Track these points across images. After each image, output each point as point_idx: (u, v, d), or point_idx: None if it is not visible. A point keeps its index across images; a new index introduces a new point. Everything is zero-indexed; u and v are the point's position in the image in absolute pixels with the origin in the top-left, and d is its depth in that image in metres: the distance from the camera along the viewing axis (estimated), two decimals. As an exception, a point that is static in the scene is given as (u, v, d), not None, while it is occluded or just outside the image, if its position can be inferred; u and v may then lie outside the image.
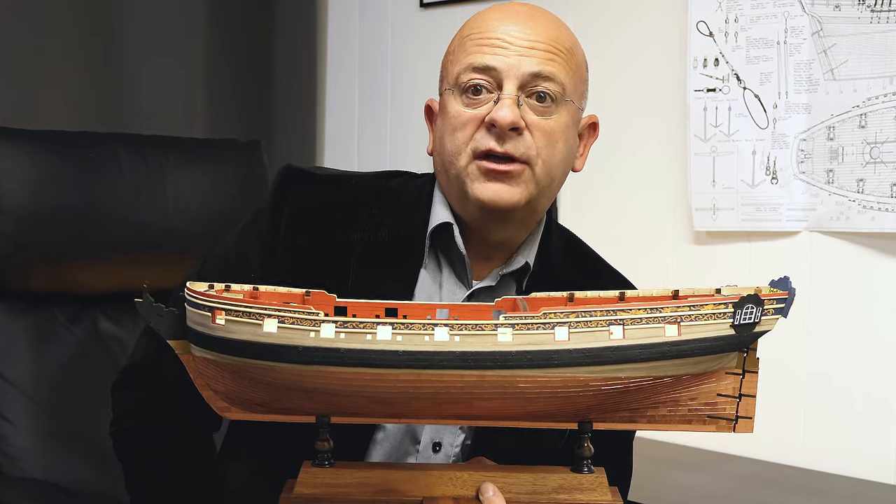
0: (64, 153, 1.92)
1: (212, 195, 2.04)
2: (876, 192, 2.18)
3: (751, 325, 1.09)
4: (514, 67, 1.32)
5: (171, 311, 1.09)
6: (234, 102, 3.04)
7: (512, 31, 1.34)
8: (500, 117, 1.31)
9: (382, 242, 1.42)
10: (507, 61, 1.32)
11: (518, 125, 1.32)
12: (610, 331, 1.07)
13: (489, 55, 1.33)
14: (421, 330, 1.04)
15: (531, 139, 1.33)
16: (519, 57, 1.33)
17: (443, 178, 1.42)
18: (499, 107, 1.32)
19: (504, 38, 1.34)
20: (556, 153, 1.36)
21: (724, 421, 1.14)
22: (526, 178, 1.34)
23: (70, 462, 1.87)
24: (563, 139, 1.37)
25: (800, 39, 2.27)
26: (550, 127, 1.35)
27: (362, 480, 1.15)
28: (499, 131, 1.32)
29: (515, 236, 1.44)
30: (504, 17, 1.36)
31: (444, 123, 1.38)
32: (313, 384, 1.07)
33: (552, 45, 1.34)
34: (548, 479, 1.17)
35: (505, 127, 1.31)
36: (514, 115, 1.31)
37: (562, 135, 1.36)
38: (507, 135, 1.32)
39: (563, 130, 1.36)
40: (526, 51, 1.33)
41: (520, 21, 1.35)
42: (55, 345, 1.92)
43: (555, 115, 1.35)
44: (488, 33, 1.35)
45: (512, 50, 1.33)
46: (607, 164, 2.49)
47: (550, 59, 1.34)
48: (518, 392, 1.07)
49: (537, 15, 1.37)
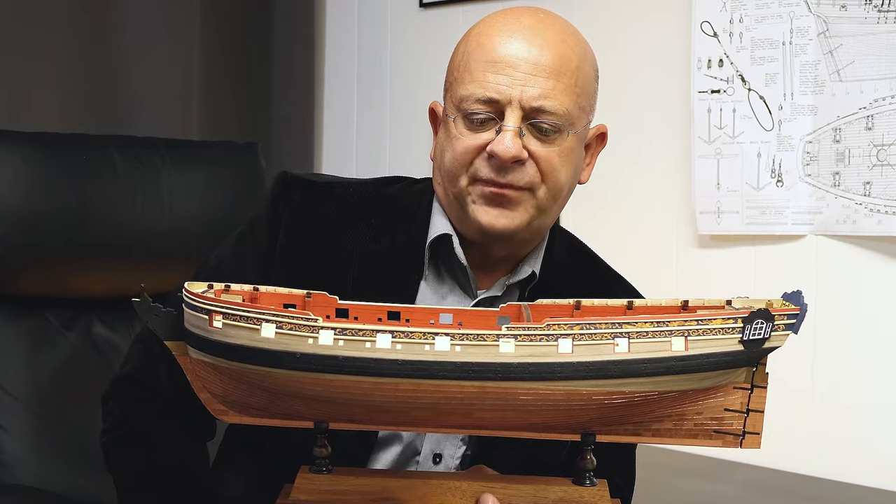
0: (58, 155, 1.91)
1: (208, 198, 2.03)
2: (883, 195, 2.17)
3: (760, 340, 1.08)
4: (516, 98, 1.30)
5: (168, 311, 1.09)
6: (231, 103, 3.04)
7: (516, 51, 1.31)
8: (501, 151, 1.29)
9: (381, 253, 1.41)
10: (509, 92, 1.30)
11: (519, 157, 1.30)
12: (615, 343, 1.06)
13: (492, 84, 1.30)
14: (421, 339, 1.04)
15: (534, 169, 1.32)
16: (522, 86, 1.30)
17: (441, 192, 1.40)
18: (499, 139, 1.30)
19: (509, 62, 1.31)
20: (561, 177, 1.35)
21: (730, 436, 1.13)
22: (527, 204, 1.34)
23: (64, 469, 1.85)
24: (569, 162, 1.35)
25: (805, 40, 2.26)
26: (555, 153, 1.33)
27: (360, 487, 1.15)
28: (499, 163, 1.31)
29: (519, 250, 1.43)
30: (509, 34, 1.33)
31: (445, 139, 1.37)
32: (311, 391, 1.06)
33: (557, 67, 1.32)
34: (548, 490, 1.16)
35: (506, 161, 1.30)
36: (515, 148, 1.29)
37: (567, 159, 1.35)
38: (509, 167, 1.31)
39: (568, 155, 1.35)
40: (529, 78, 1.30)
41: (525, 39, 1.32)
42: (49, 350, 1.90)
43: (558, 142, 1.33)
44: (493, 54, 1.32)
45: (516, 78, 1.30)
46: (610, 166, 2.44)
47: (553, 87, 1.31)
48: (519, 404, 1.06)
49: (543, 29, 1.34)
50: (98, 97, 2.72)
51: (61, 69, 2.67)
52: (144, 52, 2.80)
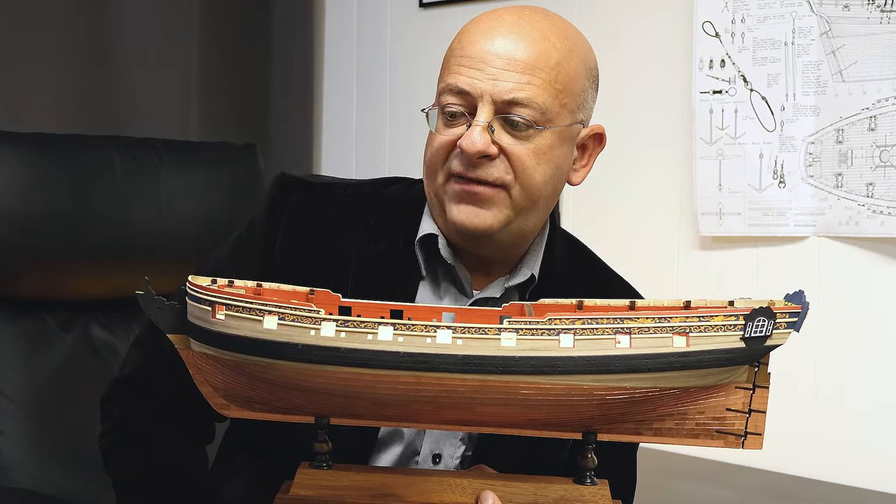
0: (56, 156, 1.90)
1: (206, 199, 2.02)
2: (886, 196, 2.17)
3: (762, 338, 1.08)
4: (487, 93, 1.29)
5: (171, 304, 1.10)
6: (230, 104, 3.04)
7: (493, 48, 1.30)
8: (467, 145, 1.29)
9: (380, 254, 1.40)
10: (480, 86, 1.29)
11: (487, 153, 1.30)
12: (616, 339, 1.06)
13: (465, 77, 1.30)
14: (423, 332, 1.04)
15: (505, 164, 1.31)
16: (493, 81, 1.29)
17: (426, 191, 1.41)
18: (468, 134, 1.29)
19: (482, 58, 1.30)
20: (537, 175, 1.33)
21: (732, 437, 1.13)
22: (500, 202, 1.32)
23: (61, 472, 1.85)
24: (547, 160, 1.33)
25: (808, 40, 2.26)
26: (528, 150, 1.31)
27: (360, 484, 1.15)
28: (467, 158, 1.30)
29: (510, 251, 1.41)
30: (489, 31, 1.33)
31: (429, 137, 1.38)
32: (312, 383, 1.07)
33: (533, 62, 1.30)
34: (549, 489, 1.16)
35: (472, 156, 1.30)
36: (482, 143, 1.28)
37: (544, 156, 1.33)
38: (476, 162, 1.30)
39: (545, 152, 1.33)
40: (501, 73, 1.29)
41: (503, 35, 1.31)
42: (46, 352, 1.89)
43: (534, 138, 1.32)
44: (469, 50, 1.32)
45: (487, 73, 1.30)
46: (611, 168, 2.45)
47: (528, 83, 1.29)
48: (520, 399, 1.07)
49: (523, 26, 1.33)
50: (96, 98, 2.72)
51: (59, 70, 2.67)
52: (143, 52, 2.80)
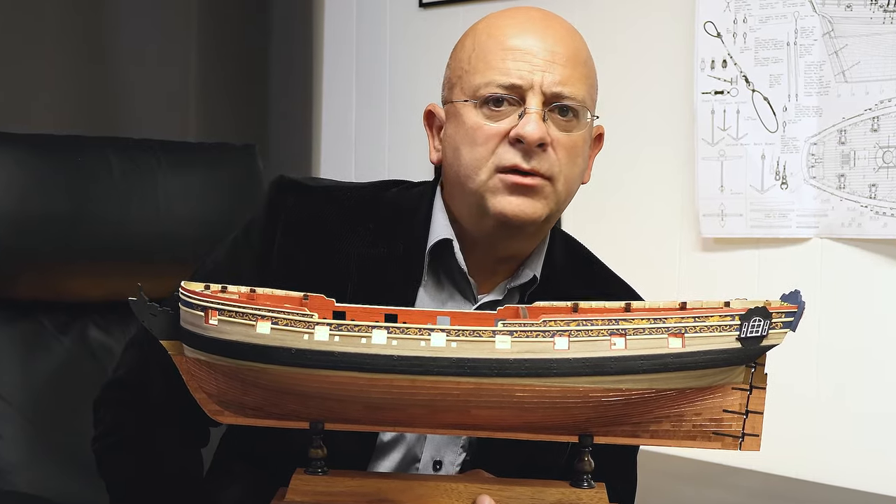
0: (53, 157, 1.90)
1: (205, 200, 2.01)
2: (888, 197, 2.16)
3: (758, 338, 1.07)
4: (538, 83, 1.30)
5: (164, 310, 1.09)
6: (228, 104, 3.04)
7: (531, 42, 1.32)
8: (528, 133, 1.29)
9: (380, 258, 1.39)
10: (530, 77, 1.30)
11: (545, 141, 1.30)
12: (612, 341, 1.06)
13: (513, 70, 1.31)
14: (417, 335, 1.04)
15: (555, 156, 1.32)
16: (542, 72, 1.31)
17: (457, 190, 1.38)
18: (525, 122, 1.29)
19: (526, 50, 1.32)
20: (576, 169, 1.35)
21: (729, 438, 1.12)
22: (548, 194, 1.33)
23: (59, 475, 1.84)
24: (582, 154, 1.36)
25: (810, 40, 2.26)
26: (573, 142, 1.33)
27: (355, 489, 1.14)
28: (525, 147, 1.30)
29: (524, 250, 1.42)
30: (521, 27, 1.34)
31: (460, 134, 1.35)
32: (306, 388, 1.07)
33: (572, 56, 1.33)
34: (546, 493, 1.15)
35: (532, 143, 1.29)
36: (541, 130, 1.29)
37: (581, 150, 1.35)
38: (534, 151, 1.30)
39: (581, 146, 1.35)
40: (548, 65, 1.31)
41: (538, 31, 1.33)
42: (43, 355, 1.89)
43: (576, 129, 1.33)
44: (508, 43, 1.33)
45: (535, 64, 1.31)
46: (612, 168, 2.46)
47: (571, 74, 1.32)
48: (516, 401, 1.06)
49: (554, 24, 1.36)
50: (94, 98, 2.73)
51: (56, 70, 2.67)
52: (140, 53, 2.80)
